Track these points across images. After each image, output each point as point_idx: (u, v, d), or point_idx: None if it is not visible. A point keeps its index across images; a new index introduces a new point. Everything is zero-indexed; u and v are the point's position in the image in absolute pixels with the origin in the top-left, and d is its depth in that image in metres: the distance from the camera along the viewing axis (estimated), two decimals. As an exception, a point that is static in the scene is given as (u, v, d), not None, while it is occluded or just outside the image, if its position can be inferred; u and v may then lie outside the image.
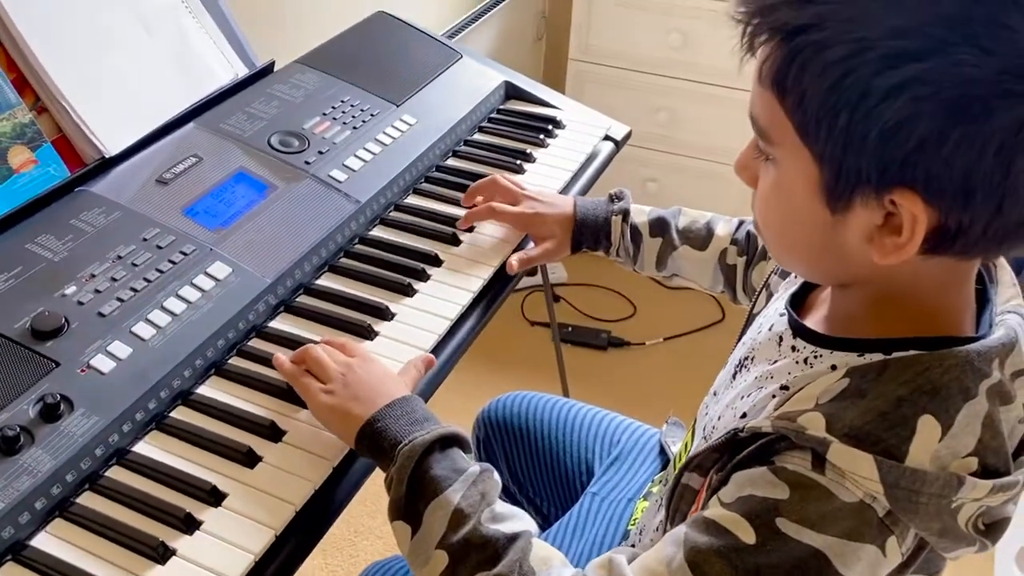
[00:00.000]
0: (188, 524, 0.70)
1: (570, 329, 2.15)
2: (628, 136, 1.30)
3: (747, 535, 0.56)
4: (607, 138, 1.26)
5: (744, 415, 0.66)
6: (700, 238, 1.01)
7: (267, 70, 1.18)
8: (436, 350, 0.89)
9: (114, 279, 0.84)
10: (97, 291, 0.83)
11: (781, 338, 0.69)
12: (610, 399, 1.17)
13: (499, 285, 1.00)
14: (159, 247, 0.89)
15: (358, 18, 1.32)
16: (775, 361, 0.69)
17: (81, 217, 0.90)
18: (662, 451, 1.07)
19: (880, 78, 0.49)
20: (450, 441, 0.73)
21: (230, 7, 1.18)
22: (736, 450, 0.62)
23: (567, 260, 2.33)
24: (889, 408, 0.56)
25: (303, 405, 0.80)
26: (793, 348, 0.67)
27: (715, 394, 0.81)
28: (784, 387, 0.65)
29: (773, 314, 0.74)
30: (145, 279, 0.85)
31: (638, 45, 2.05)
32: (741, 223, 1.01)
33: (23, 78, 0.95)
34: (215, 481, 0.73)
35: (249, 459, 0.75)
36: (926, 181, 0.51)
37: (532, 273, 2.28)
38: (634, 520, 0.97)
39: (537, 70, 2.41)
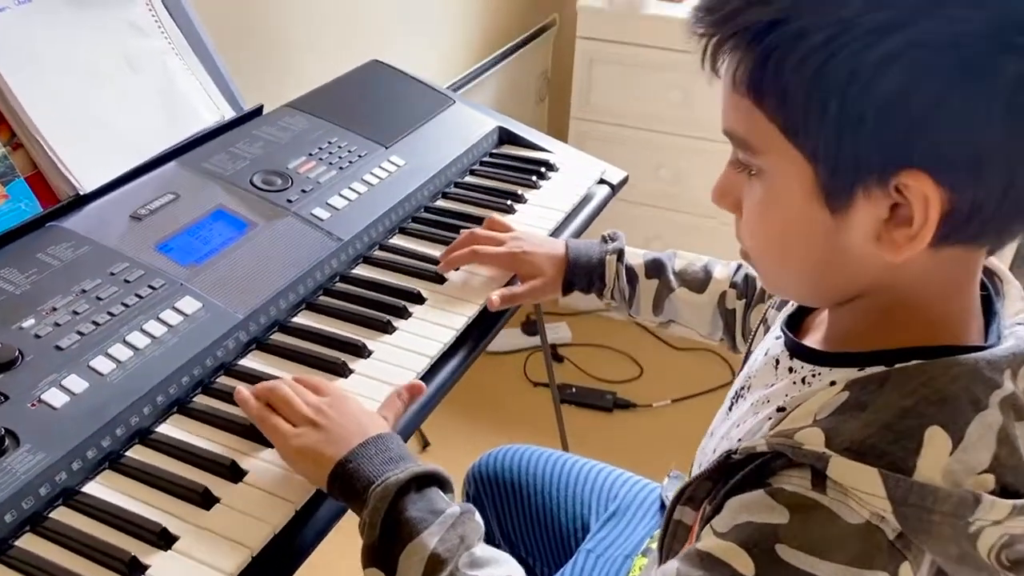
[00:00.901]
0: (133, 569, 0.64)
1: (574, 390, 2.08)
2: (625, 181, 1.27)
3: (745, 566, 0.50)
4: (603, 182, 1.23)
5: (739, 441, 0.61)
6: (698, 280, 0.96)
7: (255, 113, 1.16)
8: (415, 389, 0.84)
9: (76, 312, 0.80)
10: (57, 324, 0.79)
11: (778, 361, 0.64)
12: (615, 461, 1.11)
13: (486, 324, 0.95)
14: (127, 281, 0.85)
15: (352, 66, 1.31)
16: (772, 385, 0.64)
17: (48, 251, 0.86)
18: (663, 506, 1.01)
19: (868, 52, 0.46)
20: (428, 480, 0.68)
21: (221, 53, 1.17)
22: (730, 475, 0.57)
23: (572, 321, 2.30)
24: (893, 419, 0.50)
25: (269, 444, 0.75)
26: (790, 369, 0.62)
27: (712, 434, 0.75)
28: (781, 409, 0.59)
29: (769, 339, 0.69)
30: (109, 313, 0.81)
31: (639, 102, 2.04)
32: (739, 266, 0.96)
33: (-2, 113, 0.93)
34: (166, 523, 0.67)
35: (205, 500, 0.70)
36: (932, 156, 0.47)
37: (534, 333, 2.25)
38: (631, 577, 0.90)
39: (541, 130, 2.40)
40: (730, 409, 0.71)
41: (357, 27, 1.59)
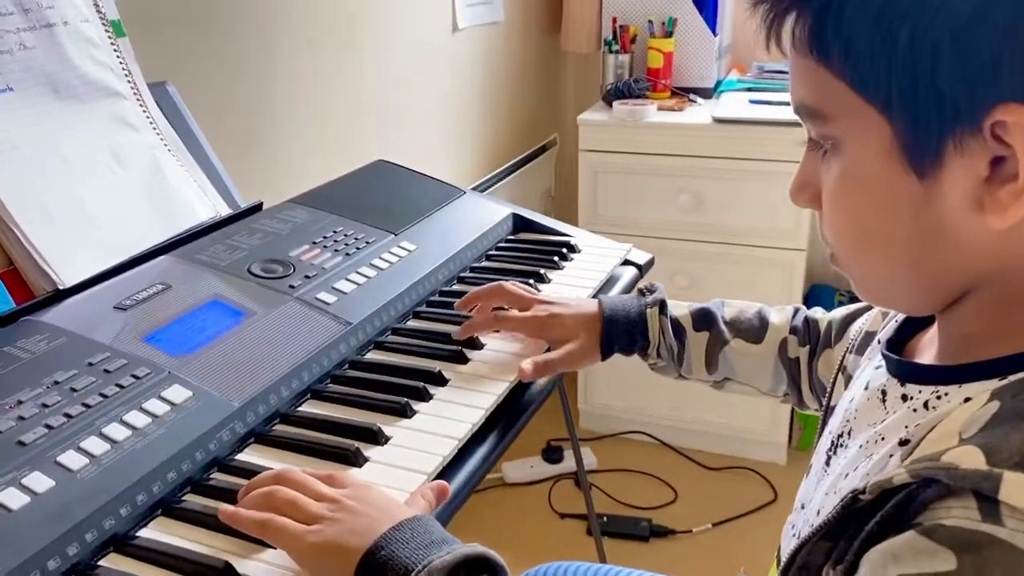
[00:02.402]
0: None
1: (605, 519, 1.91)
2: (651, 263, 1.18)
3: None
4: (628, 263, 1.14)
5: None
6: (753, 329, 0.85)
7: (255, 209, 1.08)
8: (444, 478, 0.71)
9: (45, 405, 0.69)
10: (21, 418, 0.67)
11: (884, 392, 0.53)
12: None
13: (519, 405, 0.83)
14: (106, 371, 0.74)
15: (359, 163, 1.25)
16: (882, 421, 0.52)
17: (17, 344, 0.76)
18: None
19: None
20: (480, 564, 0.56)
21: (219, 153, 1.11)
22: (860, 524, 0.44)
23: (595, 445, 2.15)
24: None
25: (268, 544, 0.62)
26: (904, 397, 0.51)
27: (802, 507, 0.63)
28: (904, 442, 0.47)
29: (866, 376, 0.58)
30: (84, 404, 0.70)
31: (649, 210, 1.99)
32: (797, 310, 0.86)
33: (-28, 204, 0.85)
34: (142, 642, 0.53)
35: (194, 613, 0.56)
36: None
37: (557, 460, 2.09)
38: None
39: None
40: (828, 464, 0.59)
41: (358, 136, 1.55)
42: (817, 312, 0.84)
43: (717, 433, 2.11)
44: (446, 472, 0.72)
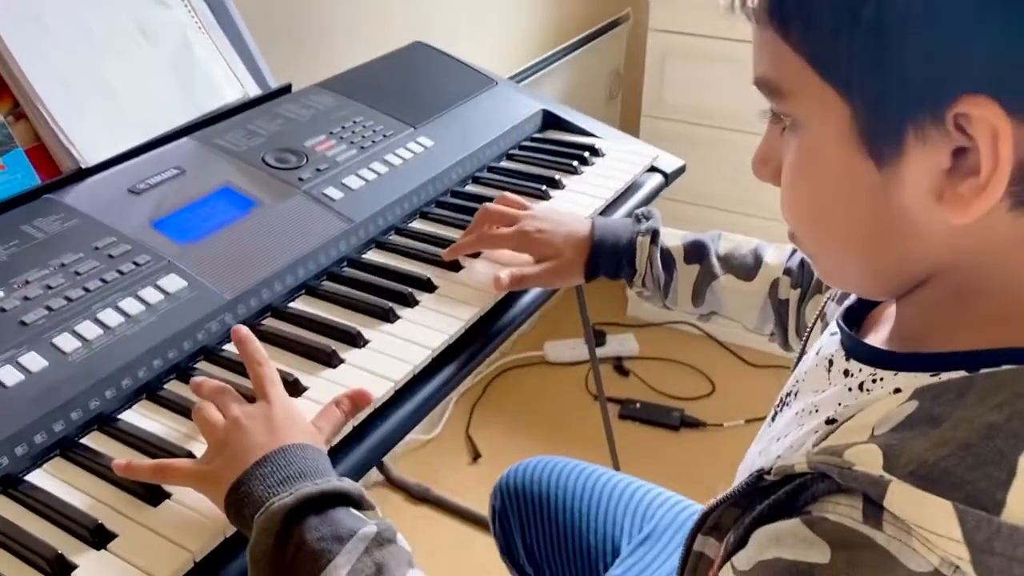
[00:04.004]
0: (59, 569, 0.56)
1: (638, 406, 1.95)
2: (682, 170, 1.15)
3: None
4: (655, 170, 1.11)
5: (778, 459, 0.49)
6: (746, 266, 0.83)
7: (283, 91, 1.10)
8: (411, 386, 0.75)
9: (49, 287, 0.74)
10: (26, 298, 0.73)
11: (831, 362, 0.52)
12: (680, 484, 0.99)
13: (501, 322, 0.84)
14: (110, 256, 0.78)
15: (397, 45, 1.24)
16: (822, 391, 0.51)
17: (34, 223, 0.81)
18: (704, 531, 0.88)
19: None
20: (330, 500, 0.56)
21: (253, 31, 1.11)
22: (762, 500, 0.45)
23: (640, 332, 2.17)
24: (975, 439, 0.38)
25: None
26: (846, 372, 0.50)
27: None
28: (831, 421, 0.47)
29: (824, 336, 0.57)
30: (84, 288, 0.75)
31: (715, 99, 1.91)
32: (795, 250, 0.83)
33: (1, 81, 0.89)
34: (104, 519, 0.60)
35: (152, 496, 0.62)
36: (998, 74, 0.36)
37: (600, 344, 2.12)
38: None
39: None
40: (773, 419, 0.59)
41: (402, 7, 1.52)
42: None
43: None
44: (417, 381, 0.76)
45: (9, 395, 0.65)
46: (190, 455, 0.65)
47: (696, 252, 0.84)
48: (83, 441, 0.67)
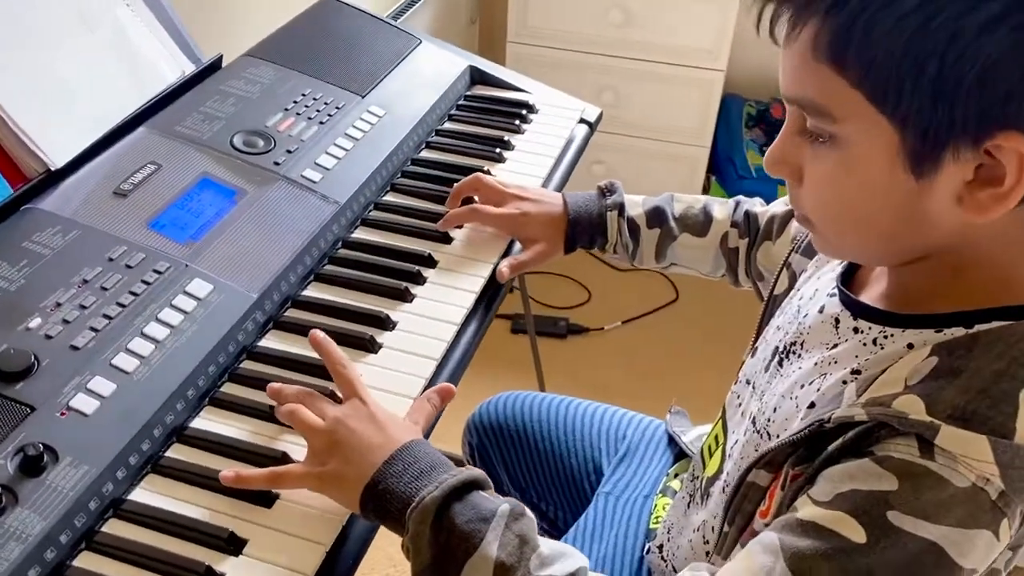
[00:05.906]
0: (209, 579, 0.62)
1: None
2: (600, 118, 1.25)
3: (856, 534, 0.52)
4: (582, 120, 1.21)
5: (812, 404, 0.62)
6: (699, 224, 0.97)
7: (215, 65, 1.08)
8: (444, 360, 0.83)
9: (83, 306, 0.75)
10: (66, 321, 0.73)
11: (837, 320, 0.65)
12: (579, 388, 1.12)
13: (496, 286, 0.93)
14: (128, 266, 0.79)
15: (302, 6, 1.23)
16: (835, 345, 0.64)
17: (34, 239, 0.79)
18: (671, 442, 1.03)
19: (971, 16, 0.46)
20: (466, 487, 0.64)
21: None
22: (819, 443, 0.58)
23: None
24: (988, 384, 0.52)
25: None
26: (855, 329, 0.63)
27: (749, 383, 0.76)
28: (856, 371, 0.60)
29: (819, 296, 0.70)
30: (119, 304, 0.76)
31: (578, 24, 2.00)
32: (738, 204, 0.97)
33: (-51, 86, 0.84)
34: (231, 526, 0.65)
35: (263, 499, 0.68)
36: None
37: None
38: (656, 518, 0.93)
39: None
40: (780, 364, 0.71)
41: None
42: (756, 206, 0.96)
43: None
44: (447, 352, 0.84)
45: (93, 423, 0.67)
46: (284, 456, 0.71)
47: (656, 217, 0.96)
48: (168, 454, 0.71)
